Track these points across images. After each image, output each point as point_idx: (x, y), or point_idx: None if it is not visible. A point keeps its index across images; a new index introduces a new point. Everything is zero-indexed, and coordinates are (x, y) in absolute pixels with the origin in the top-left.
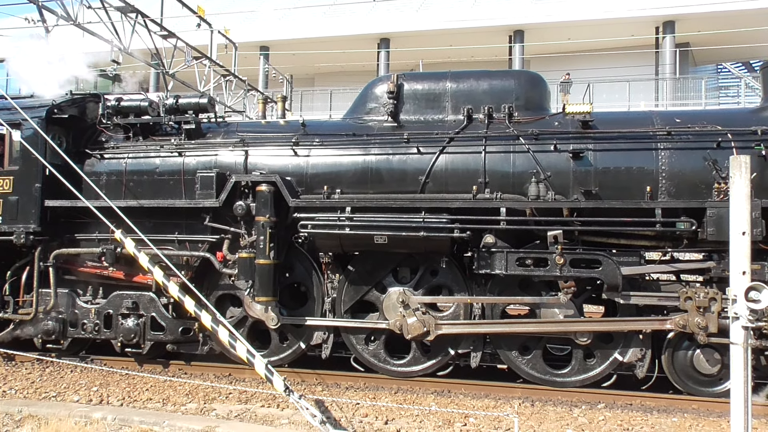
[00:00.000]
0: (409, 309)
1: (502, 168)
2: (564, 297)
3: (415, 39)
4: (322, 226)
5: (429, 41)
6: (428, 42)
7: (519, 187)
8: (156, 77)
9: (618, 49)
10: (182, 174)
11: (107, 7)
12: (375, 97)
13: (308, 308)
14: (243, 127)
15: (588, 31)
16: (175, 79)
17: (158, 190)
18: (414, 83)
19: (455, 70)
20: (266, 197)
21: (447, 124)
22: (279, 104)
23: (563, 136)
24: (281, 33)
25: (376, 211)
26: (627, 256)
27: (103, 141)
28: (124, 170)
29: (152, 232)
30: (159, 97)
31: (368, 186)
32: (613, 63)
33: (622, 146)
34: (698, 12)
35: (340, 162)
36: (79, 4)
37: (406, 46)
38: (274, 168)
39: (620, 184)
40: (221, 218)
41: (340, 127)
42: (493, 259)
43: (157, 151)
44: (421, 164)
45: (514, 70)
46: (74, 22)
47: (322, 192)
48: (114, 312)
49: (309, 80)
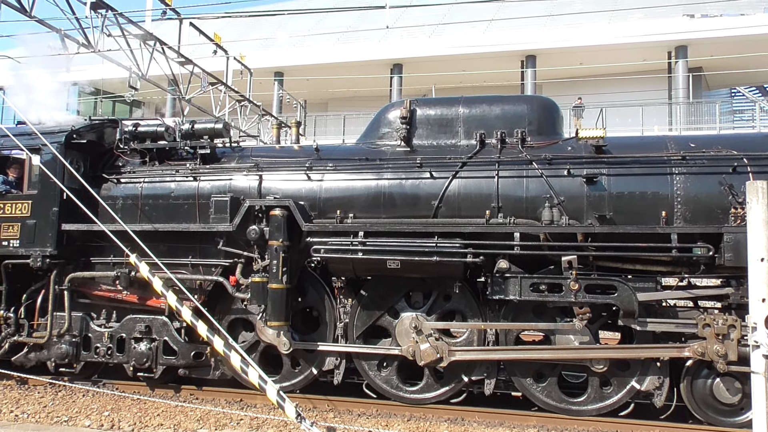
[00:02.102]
0: (422, 335)
1: (515, 193)
2: (579, 323)
3: (428, 64)
4: (334, 250)
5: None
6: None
7: (532, 211)
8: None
9: (630, 73)
10: (197, 198)
11: (127, 36)
12: (388, 122)
13: (320, 333)
14: (257, 151)
15: (600, 55)
16: (191, 104)
17: (173, 214)
18: (427, 108)
19: (468, 96)
20: (280, 221)
21: (460, 149)
22: (293, 129)
23: (577, 160)
24: (295, 59)
25: (389, 235)
26: (643, 281)
27: (120, 165)
28: (139, 194)
29: (166, 255)
30: (175, 122)
31: (381, 210)
32: (625, 87)
33: (637, 171)
34: (710, 37)
35: (353, 186)
36: (99, 33)
37: (419, 71)
38: (288, 192)
39: (635, 209)
40: (235, 242)
41: (354, 152)
42: (507, 285)
43: (173, 175)
44: (433, 189)
45: (527, 95)
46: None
47: (335, 216)
48: (127, 336)
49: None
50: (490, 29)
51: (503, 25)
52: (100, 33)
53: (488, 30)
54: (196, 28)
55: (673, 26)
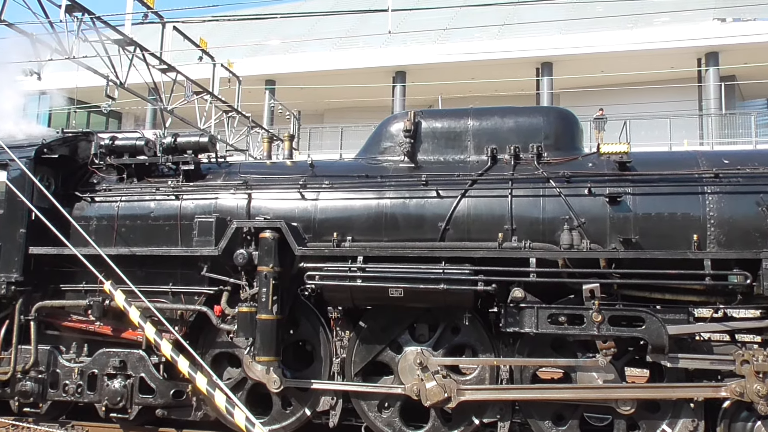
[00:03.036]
0: (428, 372)
1: (530, 213)
2: (603, 359)
3: (434, 72)
4: (331, 277)
5: (449, 74)
6: (448, 75)
7: (550, 234)
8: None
9: (657, 82)
10: (179, 219)
11: (104, 41)
12: (390, 135)
13: (314, 369)
14: (246, 167)
15: (623, 63)
16: (174, 115)
17: (152, 236)
18: (433, 121)
19: (478, 107)
20: (270, 245)
21: (469, 165)
22: (285, 143)
23: (598, 178)
24: (288, 66)
25: (391, 260)
26: (673, 313)
27: (95, 183)
28: (116, 214)
29: (144, 282)
30: (156, 136)
31: (382, 233)
32: (651, 98)
33: (665, 190)
34: (744, 42)
35: (352, 206)
36: (74, 37)
37: (424, 79)
38: (280, 213)
39: (663, 232)
40: (220, 268)
41: (352, 168)
42: (522, 316)
43: (153, 193)
44: (440, 209)
45: (543, 106)
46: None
47: (331, 239)
48: (99, 372)
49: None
50: (503, 34)
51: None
52: (75, 38)
53: (500, 35)
54: (180, 33)
55: (702, 31)
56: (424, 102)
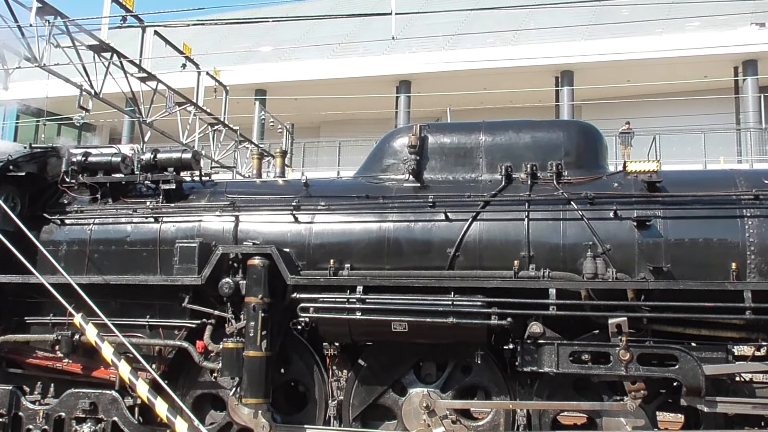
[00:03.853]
0: (436, 416)
1: (549, 239)
2: (632, 402)
3: (442, 82)
4: (327, 309)
5: (458, 84)
6: (457, 85)
7: (571, 262)
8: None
9: (689, 93)
10: (158, 244)
11: (78, 46)
12: (393, 151)
13: (308, 413)
14: (233, 187)
15: (652, 71)
16: (154, 128)
17: (128, 263)
18: (441, 135)
19: (491, 120)
20: (259, 273)
21: (481, 185)
22: (277, 159)
23: (625, 200)
24: (281, 74)
25: (395, 291)
26: (711, 350)
27: (66, 203)
28: (88, 239)
29: (119, 315)
30: (133, 151)
31: (384, 260)
32: (683, 110)
33: (699, 213)
34: None
35: (351, 230)
36: (45, 43)
37: (431, 90)
38: (270, 237)
39: (698, 260)
40: (204, 299)
41: (351, 188)
42: (541, 354)
43: (129, 215)
44: (449, 233)
45: (563, 119)
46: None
47: (327, 267)
48: (67, 415)
49: (313, 130)
50: (518, 40)
51: (533, 35)
52: (46, 44)
53: (515, 40)
54: (162, 38)
55: (739, 37)
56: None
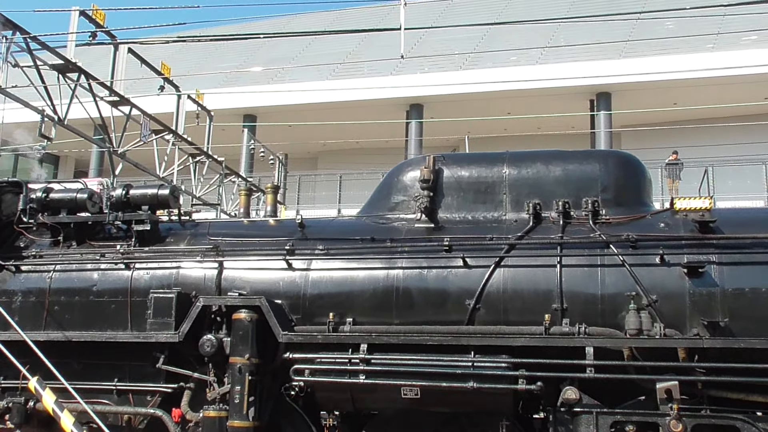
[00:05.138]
0: None
1: (585, 289)
2: None
3: (459, 105)
4: (325, 371)
5: (477, 109)
6: (476, 109)
7: (611, 316)
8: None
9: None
10: (129, 294)
11: (40, 66)
12: (403, 186)
13: None
14: (217, 228)
15: (702, 93)
16: (126, 160)
17: (94, 316)
18: (458, 168)
19: (516, 150)
20: (246, 329)
21: (505, 226)
22: (268, 196)
23: (673, 242)
24: (272, 98)
25: (405, 350)
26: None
27: (22, 247)
28: (47, 288)
29: (82, 378)
30: (102, 186)
31: (393, 314)
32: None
33: (761, 258)
34: None
35: (353, 279)
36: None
37: (446, 115)
38: (259, 287)
39: (760, 313)
40: (181, 359)
41: (354, 229)
42: (577, 424)
43: (96, 261)
44: (468, 282)
45: (599, 149)
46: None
47: (326, 322)
48: None
49: (310, 161)
50: (546, 58)
51: (564, 53)
52: (3, 62)
53: (543, 59)
54: (137, 56)
55: None
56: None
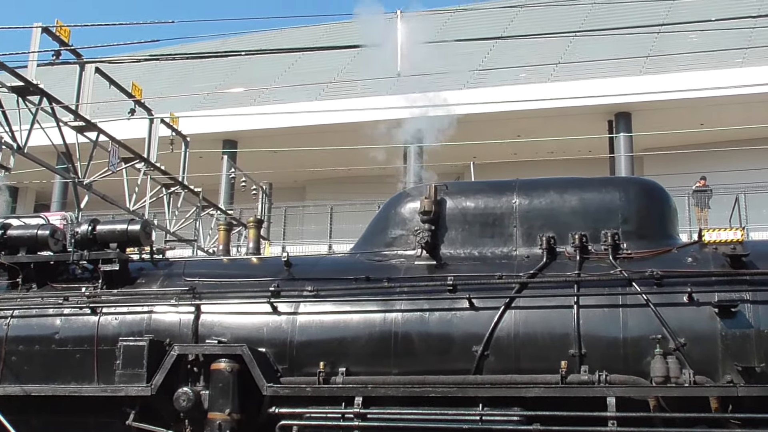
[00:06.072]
0: None
1: (606, 331)
2: None
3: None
4: (315, 428)
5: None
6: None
7: (635, 362)
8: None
9: None
10: (95, 342)
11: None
12: (401, 219)
13: None
14: (193, 267)
15: (731, 112)
16: (93, 191)
17: (56, 368)
18: (462, 198)
19: (526, 178)
20: (227, 381)
21: (516, 262)
22: (250, 230)
23: (703, 279)
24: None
25: (404, 403)
26: None
27: None
28: (4, 336)
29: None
30: (66, 221)
31: (390, 362)
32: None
33: None
34: None
35: (346, 323)
36: None
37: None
38: (241, 333)
39: None
40: (154, 414)
41: (347, 267)
42: None
43: (59, 305)
44: (475, 326)
45: (619, 176)
46: None
47: (316, 372)
48: None
49: (297, 191)
50: (559, 74)
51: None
52: None
53: (556, 75)
54: (105, 77)
55: None
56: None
